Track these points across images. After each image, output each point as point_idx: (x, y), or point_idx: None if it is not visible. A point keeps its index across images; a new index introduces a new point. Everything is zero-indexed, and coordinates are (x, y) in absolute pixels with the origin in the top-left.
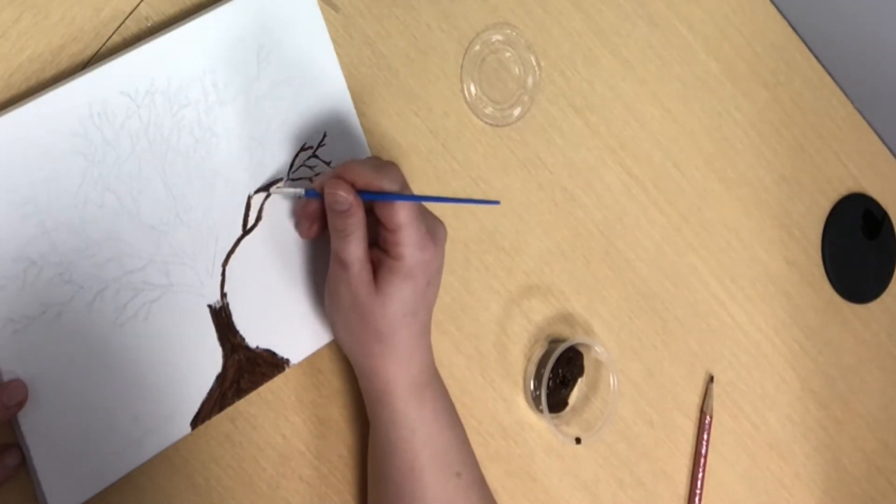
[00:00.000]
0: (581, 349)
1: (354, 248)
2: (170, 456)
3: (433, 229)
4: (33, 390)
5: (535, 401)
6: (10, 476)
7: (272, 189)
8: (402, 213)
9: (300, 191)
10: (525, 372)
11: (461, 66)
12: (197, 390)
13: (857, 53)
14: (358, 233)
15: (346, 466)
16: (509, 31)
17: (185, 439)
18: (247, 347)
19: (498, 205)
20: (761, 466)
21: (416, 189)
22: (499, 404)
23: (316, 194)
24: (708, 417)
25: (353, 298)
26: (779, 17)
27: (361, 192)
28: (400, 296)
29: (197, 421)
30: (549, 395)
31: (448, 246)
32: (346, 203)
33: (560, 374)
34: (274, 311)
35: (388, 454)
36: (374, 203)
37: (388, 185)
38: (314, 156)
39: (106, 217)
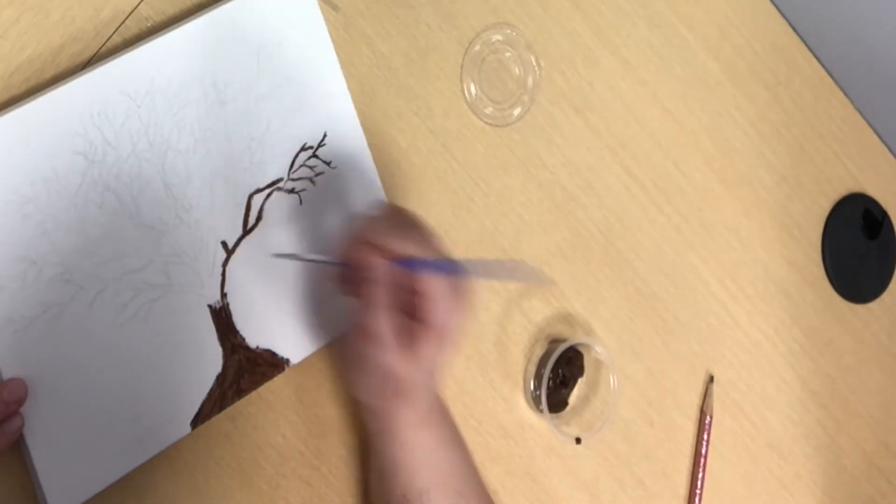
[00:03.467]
0: (581, 349)
1: (384, 321)
2: (170, 456)
3: (461, 287)
4: (33, 390)
5: (535, 401)
6: (11, 441)
7: (297, 255)
8: (436, 282)
9: (327, 258)
10: (525, 372)
11: (461, 66)
12: (197, 390)
13: (857, 53)
14: (387, 303)
15: (346, 466)
16: (509, 31)
17: (185, 439)
18: (247, 347)
19: (552, 284)
20: (761, 466)
21: (419, 190)
22: (499, 404)
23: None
24: (708, 417)
25: (382, 371)
26: (779, 17)
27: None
28: (430, 359)
29: (197, 421)
30: (549, 395)
31: (448, 246)
32: (380, 272)
33: (560, 374)
34: (274, 311)
35: (390, 476)
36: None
37: (417, 249)
38: (314, 156)
39: (106, 217)
